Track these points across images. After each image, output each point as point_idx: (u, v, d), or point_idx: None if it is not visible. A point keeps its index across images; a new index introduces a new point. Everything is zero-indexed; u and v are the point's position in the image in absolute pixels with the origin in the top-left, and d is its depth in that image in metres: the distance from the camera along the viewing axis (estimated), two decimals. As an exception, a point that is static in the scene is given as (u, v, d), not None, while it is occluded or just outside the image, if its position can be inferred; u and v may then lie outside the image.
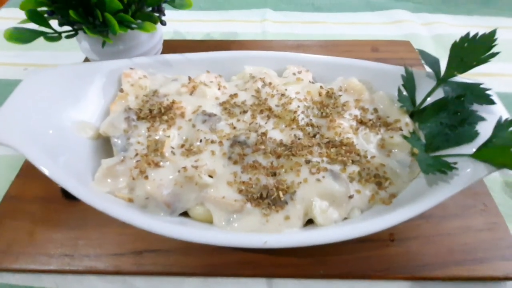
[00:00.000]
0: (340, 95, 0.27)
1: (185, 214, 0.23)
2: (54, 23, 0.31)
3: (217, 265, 0.23)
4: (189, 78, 0.29)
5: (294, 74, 0.29)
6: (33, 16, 0.26)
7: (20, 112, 0.24)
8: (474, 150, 0.21)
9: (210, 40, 0.46)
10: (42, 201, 0.28)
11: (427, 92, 0.26)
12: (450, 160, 0.21)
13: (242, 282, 0.24)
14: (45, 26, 0.28)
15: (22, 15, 0.55)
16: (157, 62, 0.30)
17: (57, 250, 0.25)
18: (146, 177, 0.22)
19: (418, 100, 0.26)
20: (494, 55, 0.23)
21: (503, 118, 0.21)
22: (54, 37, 0.28)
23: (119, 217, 0.20)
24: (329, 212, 0.20)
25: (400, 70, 0.27)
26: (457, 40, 0.25)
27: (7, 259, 0.24)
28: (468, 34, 0.25)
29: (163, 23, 0.32)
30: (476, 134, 0.22)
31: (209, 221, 0.22)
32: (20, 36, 0.26)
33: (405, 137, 0.22)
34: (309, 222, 0.22)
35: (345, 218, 0.21)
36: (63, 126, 0.25)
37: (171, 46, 0.41)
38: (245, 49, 0.43)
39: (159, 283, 0.24)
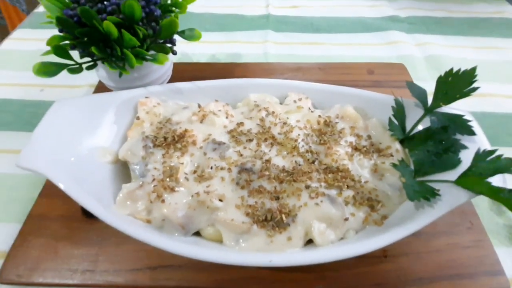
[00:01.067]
0: (336, 123, 0.29)
1: (197, 233, 0.25)
2: (74, 53, 0.34)
3: (225, 280, 0.26)
4: (199, 106, 0.32)
5: (295, 101, 0.31)
6: (58, 51, 0.29)
7: (47, 142, 0.26)
8: (456, 176, 0.24)
9: (216, 63, 0.49)
10: (63, 220, 0.30)
11: (416, 120, 0.28)
12: (435, 185, 0.24)
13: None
14: (68, 58, 0.31)
15: (36, 35, 0.58)
16: (170, 90, 0.33)
17: (79, 265, 0.27)
18: (163, 201, 0.24)
19: (408, 126, 0.29)
20: (474, 89, 0.26)
21: (481, 149, 0.23)
22: (76, 69, 0.30)
23: (138, 238, 0.22)
24: (326, 234, 0.23)
25: (391, 98, 0.30)
26: (442, 75, 0.28)
27: (36, 274, 0.27)
28: (452, 69, 0.27)
29: (174, 53, 0.34)
30: (458, 162, 0.24)
31: (219, 240, 0.24)
32: (46, 70, 0.29)
33: (394, 165, 0.24)
34: (309, 241, 0.24)
35: (341, 238, 0.24)
36: (85, 153, 0.28)
37: (180, 69, 0.44)
38: (249, 71, 0.46)
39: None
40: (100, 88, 0.42)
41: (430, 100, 0.30)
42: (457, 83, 0.26)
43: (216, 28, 0.58)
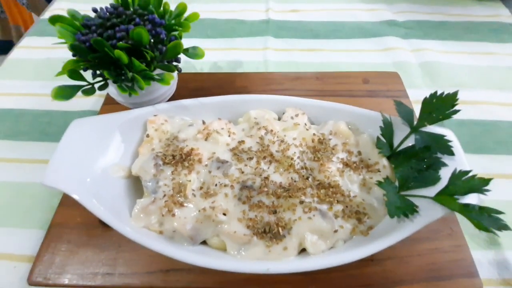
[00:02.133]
0: (330, 139, 0.32)
1: (204, 242, 0.28)
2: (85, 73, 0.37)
3: (228, 282, 0.29)
4: (203, 122, 0.34)
5: (292, 118, 0.34)
6: (72, 74, 0.32)
7: (67, 161, 0.29)
8: (435, 192, 0.26)
9: (217, 73, 0.51)
10: (83, 227, 0.33)
11: (403, 137, 0.31)
12: (416, 200, 0.27)
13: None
14: (81, 80, 0.33)
15: (43, 43, 0.59)
16: (176, 107, 0.35)
17: (100, 269, 0.31)
18: (173, 215, 0.27)
19: (396, 142, 0.31)
20: (456, 112, 0.28)
21: (458, 169, 0.26)
22: (90, 90, 0.33)
23: (152, 249, 0.26)
24: (318, 244, 0.26)
25: (383, 115, 0.32)
26: (427, 96, 0.30)
27: (61, 277, 0.30)
28: (436, 92, 0.30)
29: (179, 70, 0.37)
30: (438, 179, 0.27)
31: (223, 248, 0.27)
32: (63, 94, 0.31)
33: (379, 183, 0.27)
34: (303, 250, 0.27)
35: (331, 247, 0.27)
36: (101, 169, 0.31)
37: (184, 79, 0.46)
38: (249, 80, 0.48)
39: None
40: (109, 98, 0.45)
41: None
42: (440, 105, 0.29)
43: (218, 34, 0.60)
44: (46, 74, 0.54)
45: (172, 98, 0.44)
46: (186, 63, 0.54)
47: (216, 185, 0.28)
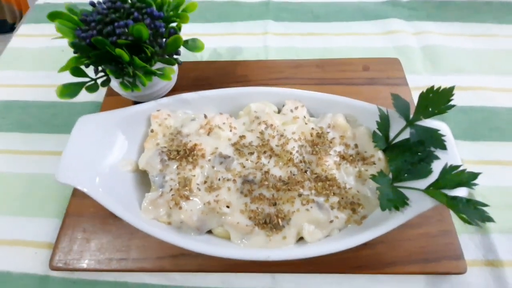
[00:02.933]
0: (328, 132, 0.33)
1: (209, 231, 0.31)
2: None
3: (232, 265, 0.32)
4: (205, 117, 0.35)
5: (291, 111, 0.35)
6: (75, 72, 0.32)
7: (77, 157, 0.31)
8: (427, 184, 0.28)
9: (218, 61, 0.51)
10: (96, 217, 0.36)
11: (399, 129, 0.32)
12: (408, 192, 0.28)
13: (252, 276, 0.33)
14: (84, 76, 0.34)
15: (41, 30, 0.58)
16: (177, 101, 0.36)
17: (114, 255, 0.33)
18: (180, 208, 0.29)
19: (392, 135, 0.32)
20: (451, 107, 0.29)
21: (448, 164, 0.27)
22: (93, 87, 0.34)
23: (163, 239, 0.28)
24: (315, 233, 0.28)
25: (380, 108, 0.33)
26: (424, 91, 0.30)
27: (79, 262, 0.33)
28: (433, 86, 0.30)
29: (180, 63, 0.37)
30: (430, 172, 0.29)
31: (228, 237, 0.30)
32: (68, 92, 0.32)
33: (373, 177, 0.29)
34: (301, 238, 0.29)
35: (327, 235, 0.29)
36: (110, 164, 0.32)
37: (184, 69, 0.46)
38: (250, 69, 0.48)
39: (191, 277, 0.33)
40: (111, 89, 0.45)
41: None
42: (436, 100, 0.29)
43: (217, 18, 0.58)
44: (46, 63, 0.54)
45: (173, 89, 0.45)
46: (186, 50, 0.54)
47: (219, 179, 0.30)
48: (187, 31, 0.55)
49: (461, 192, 0.26)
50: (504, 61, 0.51)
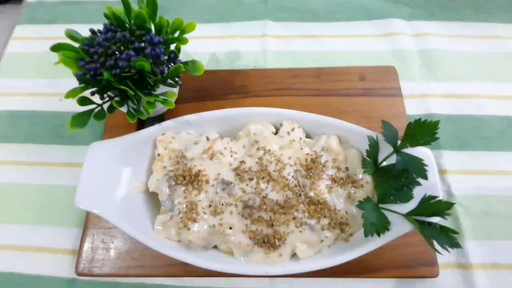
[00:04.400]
0: (321, 156, 0.36)
1: (215, 246, 0.35)
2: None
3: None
4: (207, 139, 0.38)
5: (288, 133, 0.37)
6: (82, 102, 0.34)
7: (92, 183, 0.34)
8: (408, 209, 0.31)
9: (217, 70, 0.51)
10: (113, 228, 0.40)
11: (388, 154, 0.34)
12: (390, 214, 0.32)
13: (253, 280, 0.38)
14: (91, 104, 0.35)
15: (37, 33, 0.58)
16: (180, 123, 0.38)
17: (132, 262, 0.38)
18: (188, 229, 0.33)
19: (381, 158, 0.35)
20: (435, 139, 0.31)
21: (427, 195, 0.30)
22: (100, 114, 0.35)
23: (174, 257, 0.32)
24: (307, 251, 0.32)
25: (371, 133, 0.35)
26: (412, 122, 0.32)
27: (103, 270, 0.38)
28: (420, 119, 0.32)
29: (180, 85, 0.38)
30: (411, 197, 0.32)
31: (231, 252, 0.34)
32: (78, 122, 0.34)
33: (359, 204, 0.32)
34: (295, 254, 0.34)
35: (318, 251, 0.33)
36: (122, 187, 0.36)
37: (184, 79, 0.47)
38: (249, 78, 0.49)
39: (200, 280, 0.38)
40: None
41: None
42: (422, 131, 0.32)
43: (215, 18, 0.57)
44: (46, 70, 0.54)
45: (176, 101, 0.46)
46: (185, 55, 0.54)
47: (222, 204, 0.33)
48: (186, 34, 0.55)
49: (436, 219, 0.30)
50: (503, 67, 0.51)
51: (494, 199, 0.43)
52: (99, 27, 0.36)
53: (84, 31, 0.37)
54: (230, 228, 0.33)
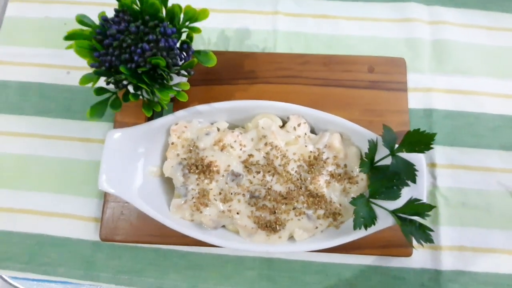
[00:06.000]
0: (323, 152, 0.39)
1: (223, 226, 0.40)
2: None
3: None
4: (218, 130, 0.40)
5: (294, 128, 0.40)
6: (99, 92, 0.35)
7: (112, 167, 0.37)
8: (395, 205, 0.36)
9: (226, 51, 0.50)
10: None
11: (385, 154, 0.38)
12: (378, 209, 0.37)
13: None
14: (107, 93, 0.37)
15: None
16: (192, 113, 0.40)
17: (151, 232, 0.43)
18: (201, 212, 0.38)
19: (378, 157, 0.38)
20: (429, 149, 0.34)
21: (413, 197, 0.34)
22: (116, 103, 0.37)
23: (188, 234, 0.37)
24: (303, 235, 0.37)
25: (372, 135, 0.38)
26: (411, 131, 0.35)
27: (124, 238, 0.43)
28: (419, 129, 0.34)
29: (192, 74, 0.39)
30: (399, 196, 0.36)
31: (237, 231, 0.39)
32: (97, 112, 0.35)
33: (352, 200, 0.36)
34: (292, 237, 0.39)
35: (312, 235, 0.39)
36: (139, 172, 0.39)
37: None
38: (258, 62, 0.49)
39: (207, 249, 0.45)
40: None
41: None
42: (419, 140, 0.34)
43: (224, -11, 0.54)
44: (50, 39, 0.53)
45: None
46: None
47: (231, 193, 0.37)
48: (192, 4, 0.53)
49: (417, 218, 0.35)
50: (508, 64, 0.51)
51: (473, 192, 0.47)
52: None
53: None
54: (238, 213, 0.38)
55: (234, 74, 0.48)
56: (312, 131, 0.42)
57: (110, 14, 0.36)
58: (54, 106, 0.50)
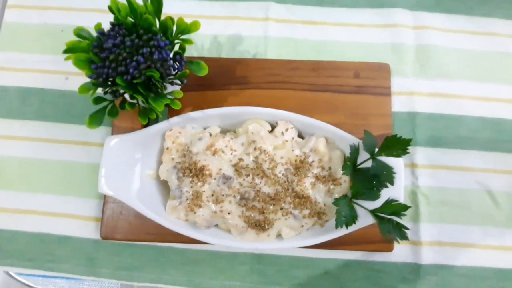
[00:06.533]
0: (309, 156, 0.41)
1: (215, 225, 0.43)
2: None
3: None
4: (210, 134, 0.43)
5: (282, 133, 0.42)
6: (97, 101, 0.37)
7: (111, 171, 0.40)
8: (374, 205, 0.39)
9: (219, 58, 0.52)
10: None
11: (366, 158, 0.40)
12: (359, 209, 0.39)
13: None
14: (104, 101, 0.39)
15: (31, 2, 0.56)
16: (186, 119, 0.43)
17: (147, 230, 0.46)
18: (194, 212, 0.40)
19: (360, 160, 0.41)
20: (406, 153, 0.37)
21: (390, 198, 0.37)
22: (113, 111, 0.39)
23: (182, 233, 0.40)
24: (289, 233, 0.40)
25: (355, 140, 0.41)
26: (390, 136, 0.37)
27: (123, 236, 0.46)
28: (396, 135, 0.37)
29: (184, 82, 0.41)
30: (378, 196, 0.39)
31: (229, 230, 0.42)
32: (95, 121, 0.38)
33: (335, 201, 0.39)
34: (279, 235, 0.42)
35: (298, 233, 0.42)
36: (136, 175, 0.42)
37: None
38: (249, 68, 0.51)
39: (201, 246, 0.47)
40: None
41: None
42: (396, 145, 0.37)
43: (217, -5, 0.56)
44: (48, 45, 0.54)
45: (181, 89, 0.49)
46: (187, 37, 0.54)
47: (223, 195, 0.40)
48: (183, 12, 0.55)
49: (393, 217, 0.37)
50: (495, 67, 0.53)
51: (452, 191, 0.50)
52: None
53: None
54: (229, 213, 0.40)
55: (227, 80, 0.50)
56: (300, 135, 0.44)
57: (105, 21, 0.37)
58: (54, 111, 0.53)
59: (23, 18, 0.56)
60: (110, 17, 0.37)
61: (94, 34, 0.37)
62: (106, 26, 0.37)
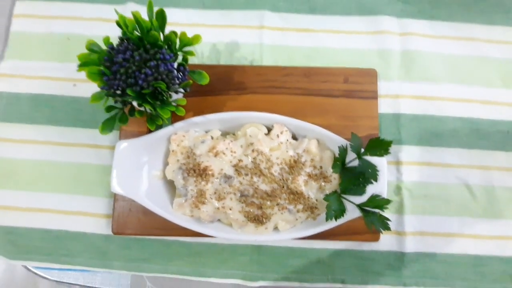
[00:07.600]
0: (302, 156, 0.46)
1: (218, 220, 0.47)
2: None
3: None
4: (212, 137, 0.47)
5: (277, 135, 0.46)
6: (109, 109, 0.41)
7: (122, 172, 0.44)
8: (361, 200, 0.43)
9: (218, 65, 0.56)
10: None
11: (353, 157, 0.44)
12: (347, 203, 0.44)
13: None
14: (115, 109, 0.42)
15: (38, 10, 0.61)
16: (189, 124, 0.46)
17: (155, 225, 0.50)
18: (199, 209, 0.45)
19: (348, 159, 0.45)
20: (388, 153, 0.41)
21: (375, 194, 0.42)
22: (123, 118, 0.43)
23: (188, 227, 0.44)
24: (285, 226, 0.45)
25: (342, 141, 0.45)
26: (374, 139, 0.41)
27: (133, 231, 0.50)
28: (379, 137, 0.41)
29: (187, 91, 0.45)
30: (364, 192, 0.43)
31: (230, 224, 0.46)
32: (107, 127, 0.41)
33: (325, 197, 0.43)
34: (276, 228, 0.46)
35: (293, 226, 0.46)
36: (145, 175, 0.46)
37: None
38: (246, 75, 0.55)
39: (205, 239, 0.52)
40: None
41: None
42: (379, 146, 0.41)
43: (214, 4, 0.59)
44: (56, 53, 0.57)
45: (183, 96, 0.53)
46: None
47: (225, 192, 0.44)
48: (184, 21, 0.58)
49: (377, 211, 0.42)
50: (473, 70, 0.57)
51: (434, 185, 0.55)
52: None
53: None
54: (230, 209, 0.45)
55: (225, 86, 0.54)
56: (294, 137, 0.48)
57: (109, 31, 0.40)
58: (64, 115, 0.56)
59: (29, 27, 0.59)
60: (114, 26, 0.40)
61: (102, 45, 0.41)
62: (110, 34, 0.40)
